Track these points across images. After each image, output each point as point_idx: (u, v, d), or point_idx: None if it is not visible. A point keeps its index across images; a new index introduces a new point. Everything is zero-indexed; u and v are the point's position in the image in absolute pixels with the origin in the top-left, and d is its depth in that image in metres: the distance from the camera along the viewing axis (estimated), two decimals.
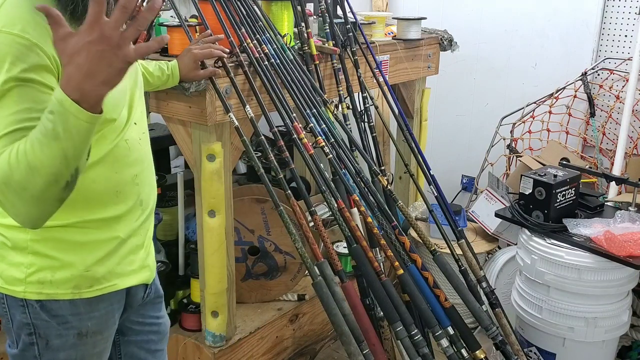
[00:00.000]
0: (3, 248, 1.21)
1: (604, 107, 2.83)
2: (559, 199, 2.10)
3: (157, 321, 1.49)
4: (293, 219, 1.94)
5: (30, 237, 1.19)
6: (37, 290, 1.21)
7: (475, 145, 3.22)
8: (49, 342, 1.25)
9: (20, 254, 1.20)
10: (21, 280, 1.21)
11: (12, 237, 1.20)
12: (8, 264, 1.21)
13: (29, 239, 1.19)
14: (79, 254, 1.22)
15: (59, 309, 1.24)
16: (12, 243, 1.20)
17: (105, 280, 1.27)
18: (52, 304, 1.23)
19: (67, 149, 0.93)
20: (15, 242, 1.20)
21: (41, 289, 1.21)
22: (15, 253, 1.21)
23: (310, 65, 2.15)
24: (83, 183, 1.16)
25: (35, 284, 1.21)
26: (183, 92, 1.77)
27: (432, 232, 2.65)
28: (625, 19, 2.77)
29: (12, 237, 1.20)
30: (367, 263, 1.90)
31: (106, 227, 1.24)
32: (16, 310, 1.23)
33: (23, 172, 0.94)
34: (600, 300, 2.03)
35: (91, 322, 1.28)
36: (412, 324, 1.86)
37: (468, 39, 3.07)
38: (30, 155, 0.93)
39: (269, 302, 2.37)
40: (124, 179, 1.25)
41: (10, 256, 1.21)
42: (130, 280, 1.32)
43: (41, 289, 1.21)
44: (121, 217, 1.26)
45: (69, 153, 0.94)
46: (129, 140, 1.25)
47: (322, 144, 1.97)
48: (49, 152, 0.93)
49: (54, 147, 0.93)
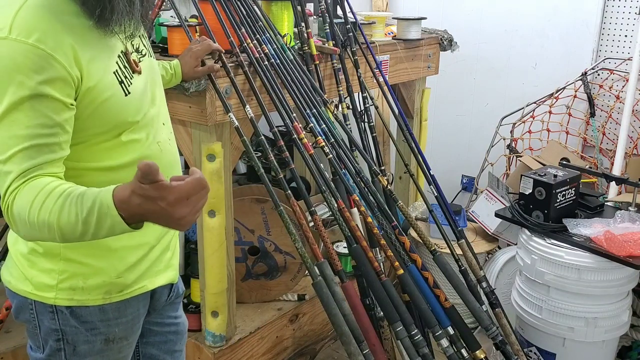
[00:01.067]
0: (34, 254, 1.21)
1: (604, 107, 2.83)
2: (559, 199, 2.10)
3: (176, 321, 1.49)
4: (293, 219, 1.94)
5: (63, 244, 1.19)
6: (68, 297, 1.21)
7: (475, 145, 3.22)
8: (77, 348, 1.25)
9: (52, 261, 1.20)
10: (52, 286, 1.20)
11: (44, 244, 1.20)
12: (39, 270, 1.21)
13: (61, 246, 1.19)
14: (110, 261, 1.22)
15: (89, 315, 1.24)
16: (43, 249, 1.20)
17: (135, 283, 1.27)
18: (82, 310, 1.23)
19: (89, 233, 0.96)
20: (47, 248, 1.20)
21: (72, 295, 1.21)
22: (46, 260, 1.20)
23: (310, 65, 2.15)
24: None
25: (67, 290, 1.21)
26: (183, 92, 1.77)
27: (432, 232, 2.65)
28: (625, 19, 2.77)
29: (44, 244, 1.20)
30: (367, 263, 1.90)
31: (136, 233, 1.23)
32: (45, 317, 1.23)
33: (38, 222, 0.97)
34: (600, 300, 2.03)
35: (118, 328, 1.28)
36: (412, 324, 1.86)
37: (468, 39, 3.07)
38: (54, 216, 0.96)
39: (269, 302, 2.37)
40: None
41: (41, 263, 1.21)
42: (157, 280, 1.32)
43: (72, 295, 1.21)
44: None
45: (87, 235, 0.97)
46: (160, 142, 1.25)
47: (322, 144, 1.97)
48: (71, 228, 0.96)
49: (79, 226, 0.96)
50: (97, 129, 1.13)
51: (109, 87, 1.11)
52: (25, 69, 0.99)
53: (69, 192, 0.98)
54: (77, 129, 1.09)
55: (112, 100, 1.12)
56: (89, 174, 1.15)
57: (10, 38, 0.99)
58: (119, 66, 1.15)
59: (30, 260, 1.21)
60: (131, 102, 1.16)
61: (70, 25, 1.06)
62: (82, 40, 1.07)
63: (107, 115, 1.12)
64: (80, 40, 1.06)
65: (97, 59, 1.10)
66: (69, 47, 1.03)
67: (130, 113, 1.16)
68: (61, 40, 1.03)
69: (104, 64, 1.11)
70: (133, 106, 1.17)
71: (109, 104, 1.11)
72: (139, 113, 1.19)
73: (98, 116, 1.11)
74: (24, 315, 1.26)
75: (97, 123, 1.12)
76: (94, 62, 1.08)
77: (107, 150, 1.16)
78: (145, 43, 1.31)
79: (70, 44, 1.04)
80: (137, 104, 1.18)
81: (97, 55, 1.10)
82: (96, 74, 1.08)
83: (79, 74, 1.05)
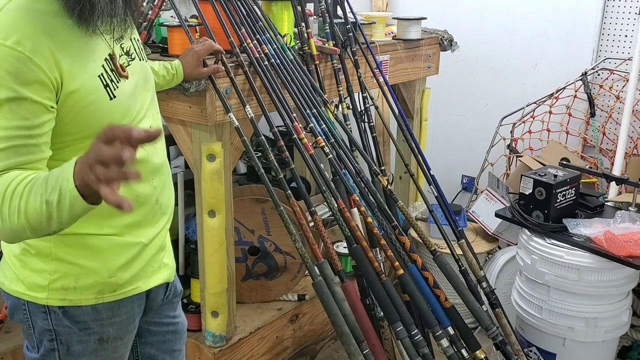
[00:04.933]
0: (26, 255, 1.21)
1: (604, 107, 2.83)
2: (559, 199, 2.10)
3: (174, 320, 1.49)
4: (293, 219, 1.94)
5: (54, 244, 1.19)
6: (60, 297, 1.21)
7: (475, 145, 3.22)
8: (70, 347, 1.25)
9: (44, 261, 1.20)
10: (44, 287, 1.20)
11: (35, 244, 1.19)
12: (31, 270, 1.21)
13: (52, 245, 1.19)
14: (102, 261, 1.22)
15: (82, 315, 1.24)
16: (35, 250, 1.20)
17: (129, 284, 1.27)
18: (74, 310, 1.23)
19: (53, 217, 0.94)
20: (38, 249, 1.20)
21: (64, 295, 1.21)
22: (38, 260, 1.20)
23: (310, 65, 2.15)
24: None
25: (59, 290, 1.21)
26: (183, 92, 1.77)
27: (432, 232, 2.65)
28: (625, 19, 2.77)
29: (35, 244, 1.19)
30: (367, 263, 1.90)
31: (128, 233, 1.24)
32: (38, 317, 1.23)
33: (9, 211, 0.95)
34: (600, 300, 2.03)
35: (112, 328, 1.28)
36: (412, 324, 1.86)
37: (468, 39, 3.07)
38: (23, 202, 0.94)
39: (269, 302, 2.37)
40: (143, 184, 1.25)
41: (33, 263, 1.21)
42: (152, 281, 1.32)
43: (64, 295, 1.21)
44: (141, 222, 1.26)
45: (52, 221, 0.95)
46: (145, 145, 1.23)
47: (322, 144, 1.97)
48: (36, 212, 0.94)
49: (43, 207, 0.93)
50: (81, 134, 1.11)
51: (93, 91, 1.10)
52: (3, 71, 0.98)
53: (40, 176, 0.96)
54: (60, 132, 1.08)
55: (95, 104, 1.11)
56: None
57: None
58: (104, 69, 1.14)
59: (22, 260, 1.21)
60: (116, 106, 1.15)
61: (52, 28, 1.05)
62: (64, 44, 1.06)
63: (91, 120, 1.11)
64: (61, 43, 1.05)
65: (80, 62, 1.09)
66: (48, 51, 1.03)
67: (115, 117, 1.15)
68: (40, 43, 1.02)
69: (88, 67, 1.10)
70: (118, 111, 1.16)
71: (93, 108, 1.10)
72: (125, 117, 1.18)
73: (82, 120, 1.10)
74: (18, 316, 1.26)
75: (80, 127, 1.11)
76: (76, 65, 1.07)
77: None
78: (137, 46, 1.29)
79: (50, 47, 1.03)
80: (123, 109, 1.17)
81: (80, 59, 1.09)
82: (78, 78, 1.07)
83: (59, 77, 1.04)
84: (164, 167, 1.33)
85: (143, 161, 1.23)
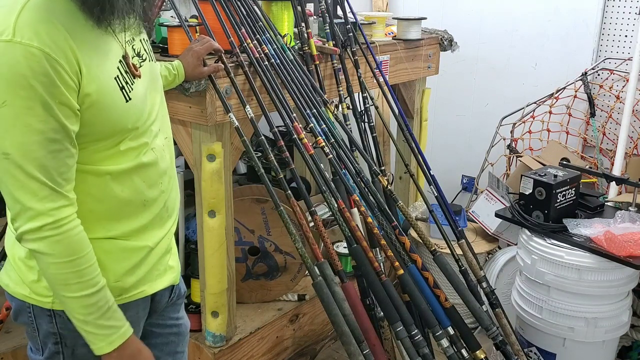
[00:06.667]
0: (31, 259, 1.20)
1: (604, 107, 2.83)
2: (559, 199, 2.10)
3: (177, 322, 1.48)
4: (293, 219, 1.94)
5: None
6: None
7: (475, 145, 3.22)
8: (75, 350, 1.25)
9: None
10: (50, 290, 1.20)
11: None
12: (36, 274, 1.20)
13: None
14: (108, 265, 1.21)
15: None
16: None
17: (134, 288, 1.26)
18: None
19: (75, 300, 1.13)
20: None
21: None
22: None
23: (310, 65, 2.15)
24: (111, 194, 1.17)
25: None
26: (183, 92, 1.77)
27: (432, 232, 2.65)
28: (625, 19, 2.77)
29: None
30: (367, 263, 1.90)
31: (134, 237, 1.24)
32: (43, 320, 1.23)
33: (83, 272, 1.12)
34: (600, 300, 2.03)
35: None
36: (412, 324, 1.86)
37: (468, 39, 3.07)
38: (86, 278, 1.13)
39: (269, 302, 2.37)
40: (152, 188, 1.25)
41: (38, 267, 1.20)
42: (157, 284, 1.31)
43: None
44: (148, 226, 1.26)
45: (70, 293, 1.13)
46: (155, 148, 1.24)
47: (322, 144, 1.97)
48: (78, 295, 1.13)
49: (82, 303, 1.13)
50: (95, 136, 1.11)
51: (110, 93, 1.10)
52: (33, 72, 0.98)
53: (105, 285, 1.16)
54: (76, 134, 1.08)
55: (111, 106, 1.10)
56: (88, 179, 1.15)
57: (15, 41, 0.98)
58: (120, 72, 1.14)
59: (28, 264, 1.21)
60: (131, 108, 1.15)
61: (71, 28, 1.04)
62: (83, 45, 1.05)
63: (106, 122, 1.11)
64: (81, 44, 1.05)
65: (98, 64, 1.08)
66: (70, 52, 1.02)
67: (130, 120, 1.15)
68: (63, 44, 1.02)
69: (104, 69, 1.10)
70: (133, 113, 1.16)
71: (108, 110, 1.10)
72: (139, 119, 1.18)
73: (97, 122, 1.10)
74: (22, 318, 1.26)
75: (95, 129, 1.10)
76: (94, 67, 1.07)
77: (105, 158, 1.15)
78: (147, 47, 1.29)
79: (72, 48, 1.03)
80: (137, 111, 1.17)
81: (98, 61, 1.08)
82: (96, 80, 1.07)
83: (79, 78, 1.04)
84: (172, 170, 1.33)
85: (152, 165, 1.23)
